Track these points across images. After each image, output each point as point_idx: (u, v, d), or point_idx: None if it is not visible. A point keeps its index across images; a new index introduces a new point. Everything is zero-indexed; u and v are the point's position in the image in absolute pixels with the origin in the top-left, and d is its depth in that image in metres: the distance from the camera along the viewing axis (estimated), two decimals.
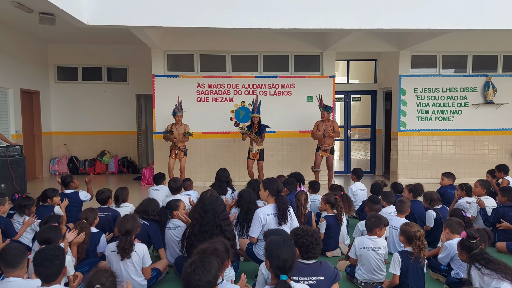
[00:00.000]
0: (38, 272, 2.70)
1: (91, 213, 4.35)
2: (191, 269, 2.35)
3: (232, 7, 6.46)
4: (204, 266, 2.36)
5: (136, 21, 6.43)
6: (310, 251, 3.00)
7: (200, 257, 2.45)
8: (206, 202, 3.95)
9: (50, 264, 2.69)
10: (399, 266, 3.57)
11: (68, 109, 10.91)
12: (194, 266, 2.35)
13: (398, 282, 3.58)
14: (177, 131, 8.03)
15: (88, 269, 3.95)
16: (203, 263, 2.38)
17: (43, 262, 2.69)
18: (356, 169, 7.00)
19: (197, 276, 2.32)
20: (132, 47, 10.51)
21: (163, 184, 6.46)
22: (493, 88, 9.35)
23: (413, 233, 3.57)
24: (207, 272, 2.35)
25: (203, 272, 2.33)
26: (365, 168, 10.71)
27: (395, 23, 6.71)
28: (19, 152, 7.40)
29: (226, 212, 3.98)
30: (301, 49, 9.26)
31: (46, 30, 8.77)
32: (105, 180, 10.06)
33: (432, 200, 5.23)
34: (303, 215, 4.92)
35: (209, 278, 2.35)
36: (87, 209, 4.50)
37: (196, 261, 2.39)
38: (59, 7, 5.47)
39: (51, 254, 2.73)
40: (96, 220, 4.39)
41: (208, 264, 2.39)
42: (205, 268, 2.35)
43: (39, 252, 2.78)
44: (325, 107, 8.37)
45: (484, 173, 7.17)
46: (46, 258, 2.70)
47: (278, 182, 4.51)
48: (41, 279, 2.72)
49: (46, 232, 3.56)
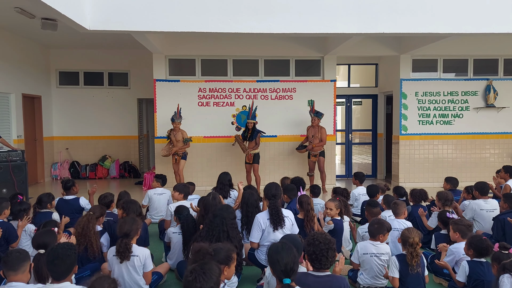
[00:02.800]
0: (50, 269, 2.79)
1: (100, 209, 4.54)
2: (192, 277, 2.33)
3: (233, 12, 6.48)
4: (205, 273, 2.35)
5: (138, 26, 6.45)
6: (318, 261, 2.93)
7: (200, 265, 2.44)
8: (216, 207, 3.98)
9: (61, 262, 2.77)
10: (397, 269, 3.57)
11: (70, 114, 10.94)
12: (195, 274, 2.34)
13: (397, 285, 3.58)
14: (175, 137, 8.21)
15: (89, 273, 3.95)
16: (204, 270, 2.37)
17: (55, 260, 2.77)
18: (357, 173, 6.97)
19: (198, 283, 2.31)
20: (134, 52, 10.55)
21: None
22: (494, 91, 9.35)
23: (407, 238, 3.56)
24: (208, 279, 2.34)
25: (204, 280, 2.32)
26: (366, 172, 10.69)
27: (396, 27, 6.72)
28: (21, 157, 7.40)
29: (236, 222, 3.97)
30: (302, 54, 9.28)
31: (48, 35, 8.81)
32: (106, 185, 10.06)
33: (446, 200, 5.19)
34: (312, 219, 4.74)
35: (210, 285, 2.34)
36: (96, 205, 4.71)
37: (197, 269, 2.37)
38: (61, 12, 5.49)
39: (64, 252, 2.80)
40: (102, 218, 4.52)
41: (209, 270, 2.38)
42: (206, 275, 2.34)
43: (52, 250, 2.85)
44: (316, 113, 8.44)
45: (485, 177, 7.16)
46: (58, 256, 2.78)
47: (274, 187, 4.49)
48: (52, 276, 2.80)
49: (41, 237, 3.56)
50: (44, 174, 10.40)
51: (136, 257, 3.64)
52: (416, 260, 3.52)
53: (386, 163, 10.74)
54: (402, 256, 3.63)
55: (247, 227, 4.56)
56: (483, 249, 3.57)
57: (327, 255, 2.91)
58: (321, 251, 2.91)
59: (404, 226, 4.52)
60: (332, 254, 2.94)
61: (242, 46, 9.01)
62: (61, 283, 2.77)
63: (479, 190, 5.54)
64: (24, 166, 7.38)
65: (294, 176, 6.72)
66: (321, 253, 2.91)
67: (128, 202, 4.65)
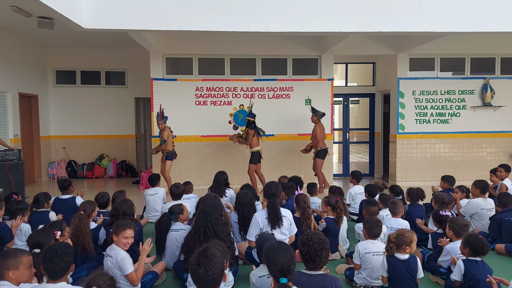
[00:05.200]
0: (47, 267, 2.76)
1: (90, 205, 4.50)
2: (202, 269, 2.41)
3: (230, 11, 6.46)
4: (212, 260, 2.45)
5: (134, 25, 6.43)
6: (311, 260, 2.93)
7: (202, 254, 2.50)
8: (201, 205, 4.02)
9: (59, 260, 2.75)
10: (385, 269, 3.59)
11: (67, 113, 10.90)
12: (204, 265, 2.42)
13: (386, 282, 3.62)
14: (162, 137, 8.12)
15: (86, 273, 3.94)
16: (209, 258, 2.46)
17: (52, 258, 2.75)
18: (354, 171, 6.96)
19: (210, 272, 2.40)
20: (131, 51, 10.51)
21: (158, 186, 6.48)
22: (491, 90, 9.37)
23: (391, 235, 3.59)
24: (216, 264, 2.45)
25: (214, 266, 2.43)
26: (364, 171, 10.71)
27: (393, 26, 6.72)
28: (18, 156, 7.37)
29: (220, 217, 3.97)
30: (299, 53, 9.27)
31: (45, 34, 8.77)
32: (103, 184, 10.05)
33: (443, 202, 5.20)
34: (308, 217, 4.79)
35: (220, 268, 2.46)
36: (85, 201, 4.64)
37: (202, 259, 2.45)
38: (58, 11, 5.47)
39: (61, 251, 2.79)
40: (94, 212, 4.51)
41: (213, 256, 2.48)
42: (213, 262, 2.45)
43: (49, 248, 2.83)
44: (312, 110, 8.37)
45: (483, 175, 7.17)
46: (56, 254, 2.76)
47: (274, 186, 4.50)
48: (49, 275, 2.78)
49: (36, 236, 3.54)
50: (41, 174, 10.36)
51: (109, 258, 3.61)
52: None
53: (384, 162, 10.75)
54: (391, 257, 3.62)
55: (244, 227, 4.55)
56: (479, 248, 3.57)
57: (320, 255, 2.92)
58: (315, 251, 2.91)
59: (400, 226, 4.53)
60: (326, 254, 2.95)
61: (239, 44, 8.99)
62: (57, 283, 2.76)
63: (480, 189, 5.54)
64: (21, 165, 7.36)
65: (292, 175, 6.72)
66: (315, 253, 2.91)
67: (119, 203, 4.59)
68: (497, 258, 4.83)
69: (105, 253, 3.71)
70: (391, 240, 3.58)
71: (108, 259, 3.63)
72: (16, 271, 2.80)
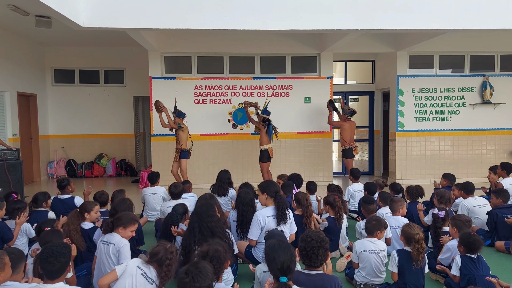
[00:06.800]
0: (43, 267, 2.74)
1: (90, 205, 4.51)
2: (189, 278, 2.42)
3: (229, 9, 6.44)
4: (201, 271, 2.45)
5: (133, 23, 6.40)
6: (308, 258, 2.93)
7: (193, 265, 2.53)
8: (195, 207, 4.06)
9: (55, 260, 2.72)
10: (396, 264, 3.58)
11: (65, 112, 10.87)
12: (192, 275, 2.43)
13: (396, 279, 3.60)
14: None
15: (85, 273, 3.93)
16: (199, 269, 2.47)
17: (49, 258, 2.72)
18: (353, 169, 7.00)
19: (197, 283, 2.40)
20: (129, 50, 10.48)
21: (158, 185, 6.46)
22: (491, 88, 9.36)
23: (412, 235, 3.56)
24: (205, 277, 2.44)
25: (202, 278, 2.43)
26: (363, 169, 10.71)
27: (392, 23, 6.70)
28: (16, 156, 7.35)
29: (215, 215, 3.96)
30: (298, 50, 9.25)
31: (43, 33, 8.74)
32: (103, 183, 10.03)
33: (441, 197, 5.18)
34: (311, 214, 4.76)
35: (208, 282, 2.45)
36: (86, 201, 4.67)
37: (191, 269, 2.47)
38: (56, 9, 5.45)
39: (58, 251, 2.76)
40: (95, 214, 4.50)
41: (204, 268, 2.49)
42: (202, 274, 2.45)
43: (46, 248, 2.80)
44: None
45: (482, 173, 7.17)
46: (52, 254, 2.73)
47: (274, 184, 4.50)
48: (46, 275, 2.75)
49: (47, 236, 3.53)
50: (40, 173, 10.34)
51: (112, 245, 3.63)
52: (422, 255, 3.54)
53: (383, 160, 10.75)
54: (402, 251, 3.63)
55: (243, 226, 4.54)
56: (471, 243, 3.61)
57: (317, 253, 2.90)
58: (312, 249, 2.90)
59: (401, 223, 4.52)
60: (324, 253, 2.93)
61: (238, 43, 8.97)
62: (55, 284, 2.72)
63: (465, 190, 5.62)
64: (20, 164, 7.34)
65: (291, 173, 6.70)
66: (312, 250, 2.90)
67: (118, 202, 4.58)
68: (497, 255, 4.84)
69: (103, 240, 3.69)
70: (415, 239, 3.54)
71: (105, 246, 3.62)
72: (2, 273, 2.76)
